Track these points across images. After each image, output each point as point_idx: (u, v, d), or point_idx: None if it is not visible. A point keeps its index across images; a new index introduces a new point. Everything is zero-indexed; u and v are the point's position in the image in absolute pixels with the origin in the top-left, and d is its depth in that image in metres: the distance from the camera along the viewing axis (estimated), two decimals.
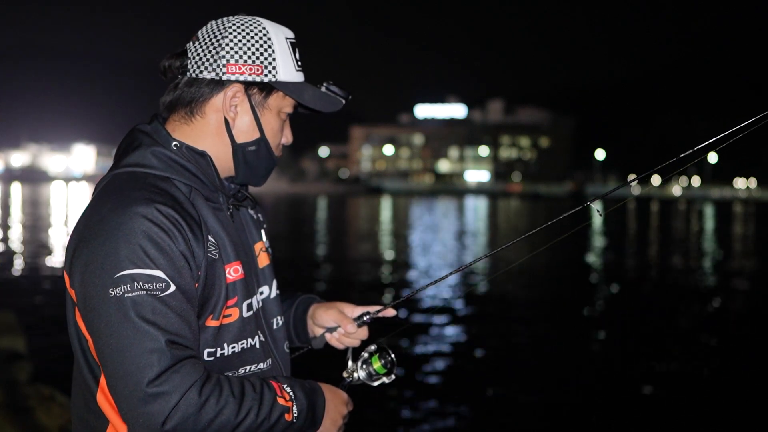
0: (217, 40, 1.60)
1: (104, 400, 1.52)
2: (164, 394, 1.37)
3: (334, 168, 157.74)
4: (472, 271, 17.89)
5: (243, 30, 1.60)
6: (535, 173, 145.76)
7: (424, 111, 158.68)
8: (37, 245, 23.12)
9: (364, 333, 1.91)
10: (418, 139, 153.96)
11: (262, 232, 1.84)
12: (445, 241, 28.49)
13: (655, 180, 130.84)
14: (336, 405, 1.68)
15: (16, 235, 27.03)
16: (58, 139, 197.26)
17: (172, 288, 1.44)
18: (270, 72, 1.61)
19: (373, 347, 1.83)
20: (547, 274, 18.85)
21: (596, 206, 1.78)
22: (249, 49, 1.59)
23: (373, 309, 1.90)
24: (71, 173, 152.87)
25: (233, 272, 1.61)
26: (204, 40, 1.61)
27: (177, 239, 1.47)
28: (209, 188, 1.63)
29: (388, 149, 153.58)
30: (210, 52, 1.59)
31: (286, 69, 1.63)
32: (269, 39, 1.61)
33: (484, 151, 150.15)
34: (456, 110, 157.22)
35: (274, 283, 1.82)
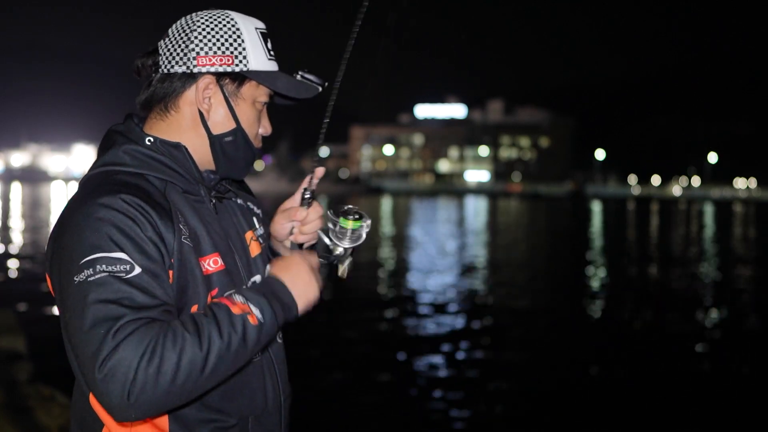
0: (186, 35, 1.61)
1: (96, 402, 1.48)
2: (117, 368, 1.31)
3: (334, 168, 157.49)
4: (473, 270, 17.86)
5: (211, 22, 1.62)
6: (535, 173, 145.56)
7: (424, 111, 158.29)
8: (36, 245, 23.08)
9: (318, 210, 1.79)
10: (418, 139, 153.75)
11: (254, 220, 1.82)
12: (443, 242, 28.47)
13: (655, 180, 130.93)
14: (297, 268, 1.59)
15: (16, 235, 27.02)
16: (58, 139, 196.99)
17: (137, 270, 1.40)
18: (241, 62, 1.62)
19: (331, 214, 1.74)
20: (546, 274, 18.82)
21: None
22: (218, 40, 1.61)
23: (305, 183, 1.79)
24: (71, 173, 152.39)
25: (212, 263, 1.59)
26: (174, 35, 1.63)
27: (144, 226, 1.45)
28: (188, 181, 1.62)
29: (388, 149, 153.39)
30: (180, 46, 1.61)
31: (258, 58, 1.64)
32: (238, 29, 1.62)
33: (484, 151, 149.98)
34: (456, 110, 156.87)
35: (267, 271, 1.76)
